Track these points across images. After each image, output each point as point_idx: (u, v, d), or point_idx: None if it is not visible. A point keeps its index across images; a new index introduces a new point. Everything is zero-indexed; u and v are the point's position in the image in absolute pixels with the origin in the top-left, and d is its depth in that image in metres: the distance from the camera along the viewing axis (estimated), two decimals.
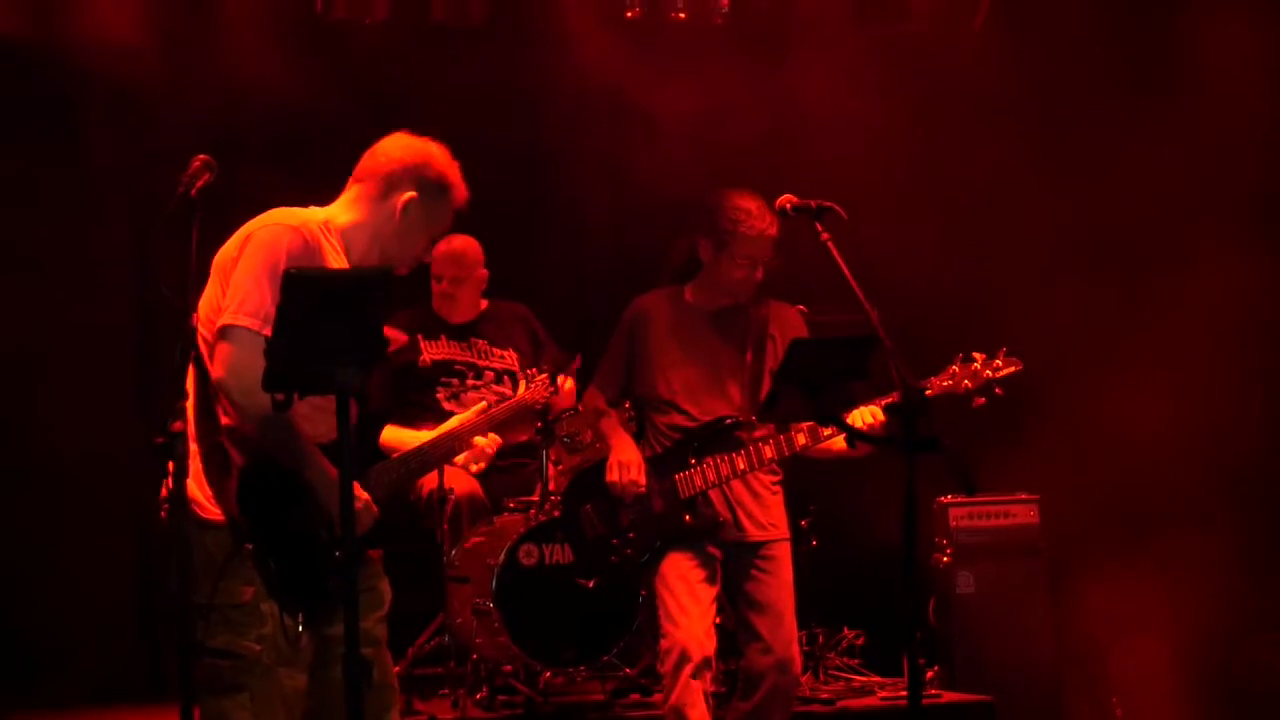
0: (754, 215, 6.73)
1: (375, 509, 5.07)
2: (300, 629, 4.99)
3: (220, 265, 5.03)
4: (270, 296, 4.81)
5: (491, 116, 9.71)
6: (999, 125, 9.66)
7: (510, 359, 8.55)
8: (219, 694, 4.94)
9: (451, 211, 5.36)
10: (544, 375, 6.14)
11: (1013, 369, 6.45)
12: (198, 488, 4.91)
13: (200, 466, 4.92)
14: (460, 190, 5.35)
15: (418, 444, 5.45)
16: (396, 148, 5.34)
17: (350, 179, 5.33)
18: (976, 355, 6.47)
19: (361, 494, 5.00)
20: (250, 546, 4.91)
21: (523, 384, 6.11)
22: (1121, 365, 8.96)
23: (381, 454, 5.29)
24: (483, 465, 5.68)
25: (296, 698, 5.05)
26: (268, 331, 4.70)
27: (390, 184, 5.27)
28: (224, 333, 4.83)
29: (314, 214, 5.19)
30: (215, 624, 4.92)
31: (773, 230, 6.75)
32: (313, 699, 5.10)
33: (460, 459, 5.61)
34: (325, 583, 4.66)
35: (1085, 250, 9.57)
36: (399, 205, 5.24)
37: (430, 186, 5.28)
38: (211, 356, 4.86)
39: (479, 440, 5.60)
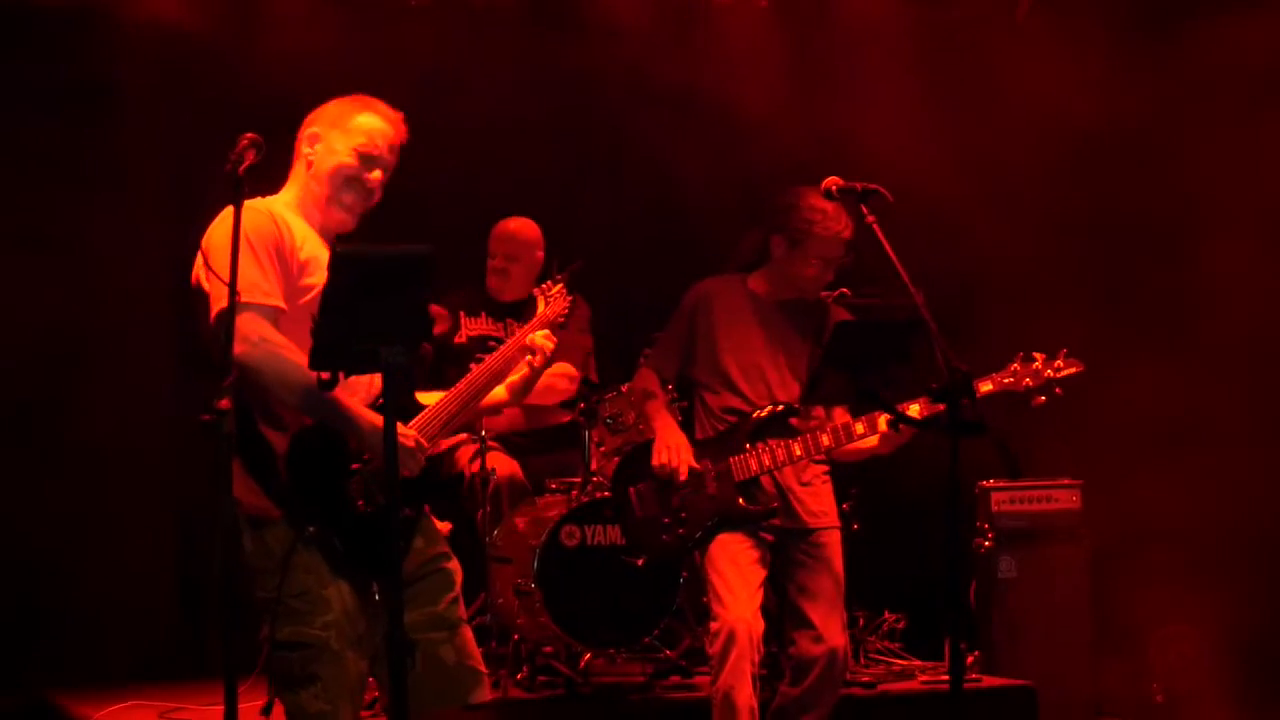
0: (830, 216, 6.73)
1: (426, 443, 5.06)
2: (376, 599, 5.01)
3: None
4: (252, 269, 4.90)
5: (535, 98, 9.72)
6: (1043, 112, 9.62)
7: None
8: (294, 687, 4.97)
9: (367, 128, 5.26)
10: (559, 285, 5.94)
11: (1074, 370, 6.42)
12: (245, 487, 4.94)
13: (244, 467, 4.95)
14: (366, 112, 5.28)
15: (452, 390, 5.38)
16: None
17: None
18: (1037, 355, 6.45)
19: (409, 431, 5.00)
20: (314, 530, 4.93)
21: (541, 300, 5.91)
22: (1168, 348, 8.91)
23: (418, 406, 5.26)
24: (539, 360, 5.56)
25: (361, 683, 5.08)
26: (265, 300, 4.88)
27: (299, 142, 5.31)
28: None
29: (270, 199, 5.23)
30: (281, 617, 4.94)
31: (847, 233, 6.76)
32: (387, 692, 5.12)
33: (514, 375, 5.55)
34: (387, 546, 4.63)
35: (1130, 233, 9.52)
36: (306, 147, 5.27)
37: (326, 118, 5.27)
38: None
39: (533, 338, 5.56)
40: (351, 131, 5.24)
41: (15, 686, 8.38)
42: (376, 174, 5.26)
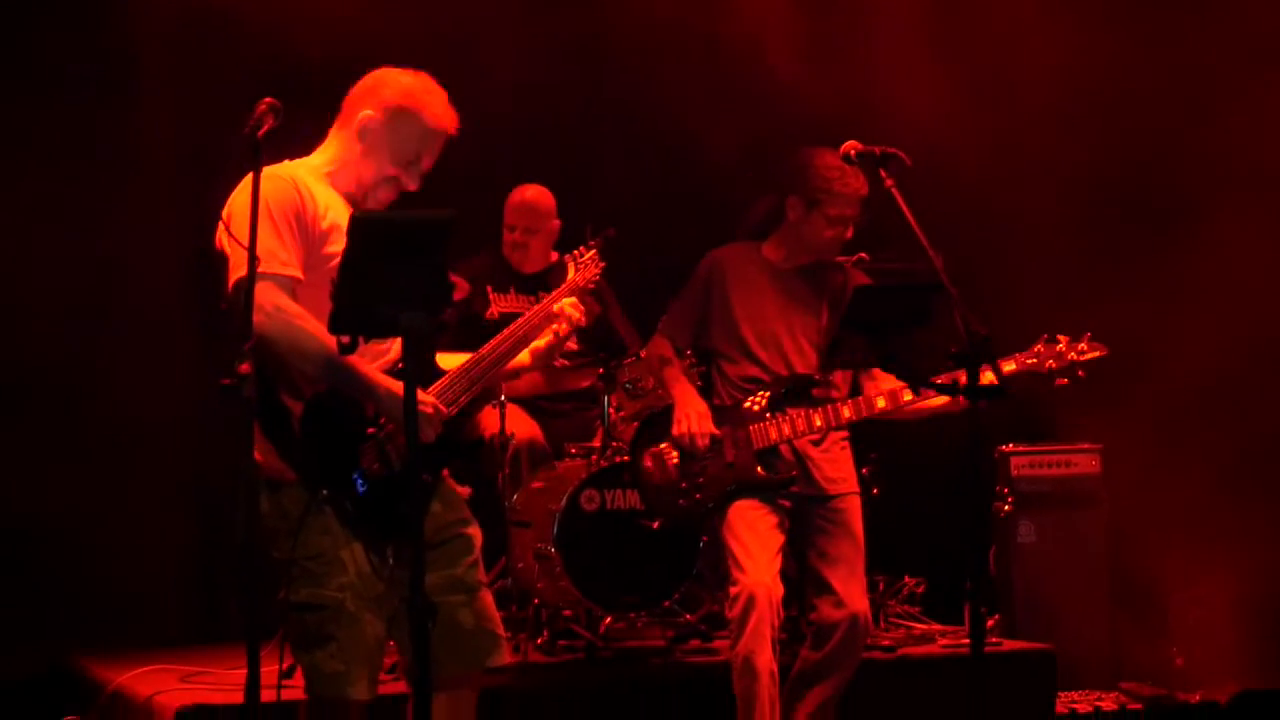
0: (846, 174, 6.70)
1: (445, 409, 5.07)
2: (391, 562, 5.02)
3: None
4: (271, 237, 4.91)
5: (556, 65, 9.72)
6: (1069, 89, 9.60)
7: None
8: (309, 648, 5.00)
9: (425, 136, 5.24)
10: (592, 252, 5.93)
11: (1097, 354, 6.41)
12: (262, 450, 4.95)
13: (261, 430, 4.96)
14: (431, 114, 5.24)
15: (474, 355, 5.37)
16: (360, 80, 5.33)
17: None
18: (1061, 337, 6.44)
19: (428, 397, 5.01)
20: (326, 492, 4.94)
21: (571, 267, 5.90)
22: (1189, 312, 8.89)
23: (439, 372, 5.25)
24: (565, 329, 5.55)
25: (379, 646, 5.10)
26: (283, 270, 4.88)
27: (351, 112, 5.26)
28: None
29: (296, 163, 5.21)
30: (297, 578, 4.97)
31: (864, 190, 6.74)
32: (407, 654, 5.15)
33: (540, 341, 5.55)
34: (407, 511, 4.64)
35: (1155, 198, 9.49)
36: (357, 128, 5.22)
37: (389, 108, 5.21)
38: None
39: (561, 305, 5.55)
40: (410, 134, 5.22)
41: (38, 651, 8.41)
42: (419, 172, 5.28)
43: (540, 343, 5.55)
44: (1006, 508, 8.78)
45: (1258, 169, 9.12)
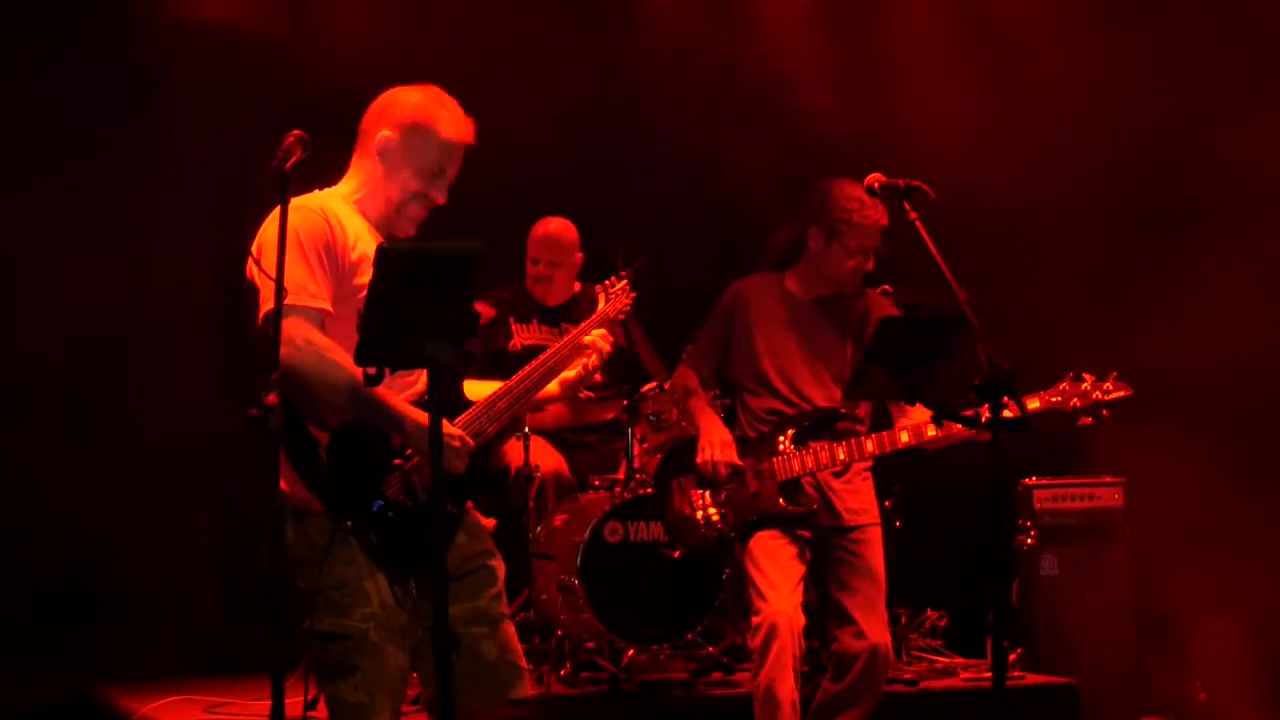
0: (866, 205, 6.71)
1: (471, 442, 5.06)
2: (414, 594, 5.04)
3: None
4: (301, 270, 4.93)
5: (582, 92, 9.75)
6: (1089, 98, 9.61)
7: None
8: (334, 678, 5.00)
9: (443, 148, 5.24)
10: (623, 282, 5.90)
11: (1122, 394, 6.39)
12: (289, 480, 4.97)
13: (287, 459, 4.98)
14: (445, 126, 5.24)
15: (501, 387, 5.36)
16: (373, 103, 5.34)
17: None
18: (1086, 376, 6.42)
19: (455, 430, 5.01)
20: (351, 523, 4.96)
21: (602, 297, 5.88)
22: (1216, 342, 8.87)
23: (466, 403, 5.25)
24: (595, 361, 5.55)
25: (402, 677, 5.09)
26: (312, 303, 4.89)
27: (368, 135, 5.27)
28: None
29: (322, 193, 5.23)
30: (321, 608, 4.97)
31: (884, 220, 6.75)
32: (430, 686, 5.15)
33: (569, 372, 5.54)
34: (430, 542, 4.65)
35: (1177, 224, 9.48)
36: (376, 150, 5.23)
37: (404, 125, 5.22)
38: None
39: (592, 337, 5.55)
40: (428, 149, 5.22)
41: (62, 679, 8.43)
42: (445, 185, 5.29)
43: (570, 373, 5.56)
44: (1029, 541, 8.78)
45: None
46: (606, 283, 5.93)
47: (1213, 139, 9.23)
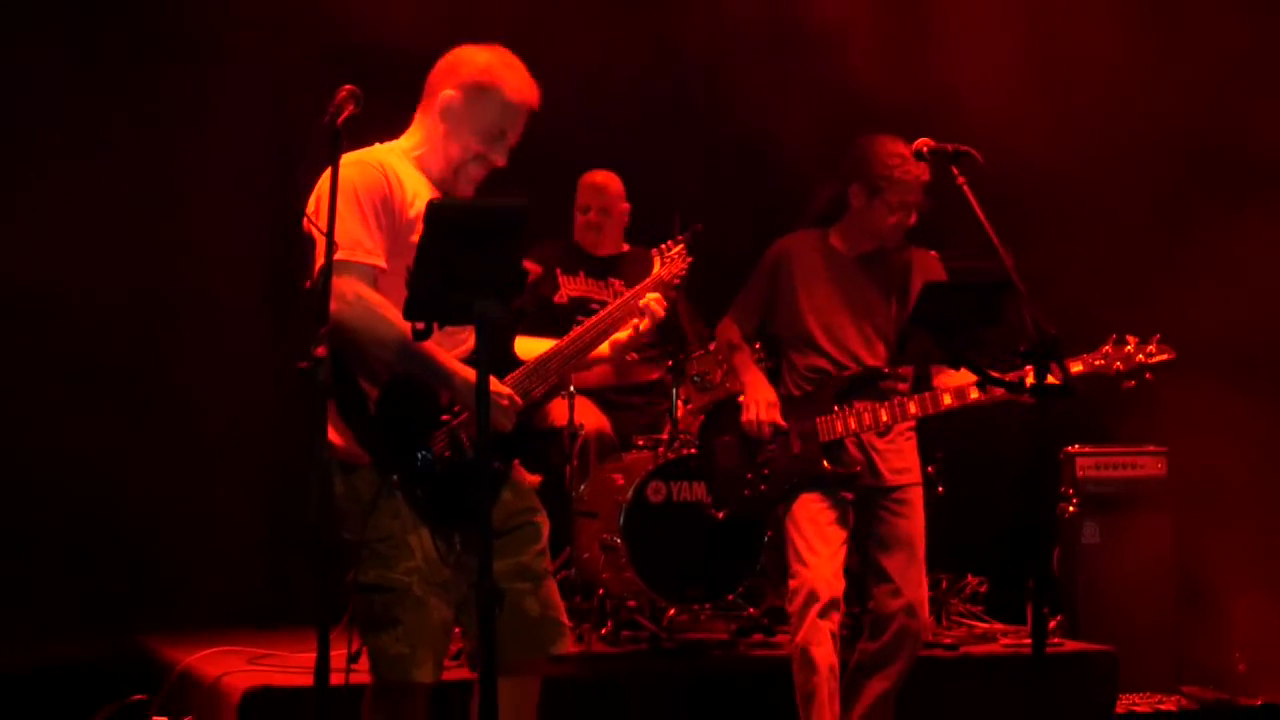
0: (908, 160, 6.66)
1: (520, 400, 5.09)
2: (458, 549, 5.08)
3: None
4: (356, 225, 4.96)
5: (625, 48, 9.74)
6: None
7: None
8: (376, 630, 5.05)
9: (506, 110, 5.25)
10: (680, 246, 5.86)
11: (1166, 356, 6.37)
12: (338, 433, 5.01)
13: (336, 412, 5.01)
14: (511, 88, 5.25)
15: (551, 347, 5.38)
16: (439, 61, 5.36)
17: None
18: (1130, 339, 6.40)
19: (504, 389, 5.04)
20: (397, 478, 5.00)
21: (657, 261, 5.83)
22: (1262, 312, 8.85)
23: (516, 362, 5.27)
24: (647, 324, 5.52)
25: (445, 631, 5.14)
26: (366, 259, 4.91)
27: (433, 93, 5.29)
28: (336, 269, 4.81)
29: (383, 147, 5.26)
30: (366, 560, 5.02)
31: (926, 175, 6.71)
32: (473, 640, 5.18)
33: (621, 334, 5.53)
34: (477, 499, 4.68)
35: (1226, 197, 9.45)
36: (439, 109, 5.25)
37: (469, 85, 5.24)
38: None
39: (647, 300, 5.53)
40: (491, 110, 5.23)
41: (107, 632, 8.49)
42: (506, 148, 5.31)
43: (621, 335, 5.55)
44: (1071, 509, 8.77)
45: None
46: (663, 246, 5.88)
47: (1261, 102, 9.20)
